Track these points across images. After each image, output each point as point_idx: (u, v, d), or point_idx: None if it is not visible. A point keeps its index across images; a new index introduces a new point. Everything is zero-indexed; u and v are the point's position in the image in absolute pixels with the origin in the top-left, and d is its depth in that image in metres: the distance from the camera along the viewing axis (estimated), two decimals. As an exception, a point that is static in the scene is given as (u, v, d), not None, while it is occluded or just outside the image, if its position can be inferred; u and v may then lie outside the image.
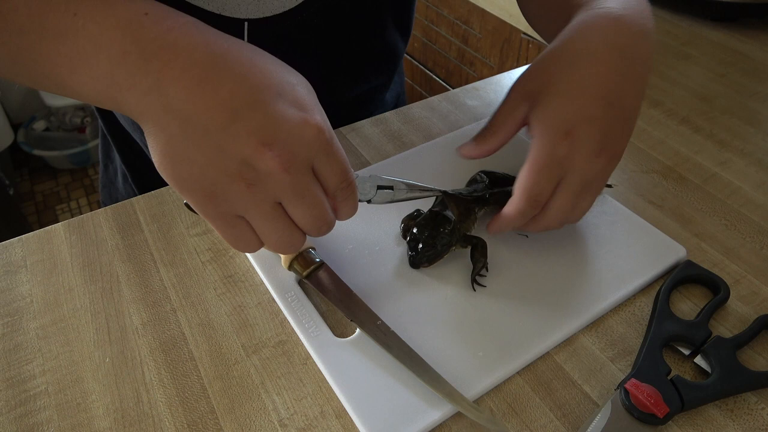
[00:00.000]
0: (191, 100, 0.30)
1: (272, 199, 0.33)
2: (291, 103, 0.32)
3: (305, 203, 0.33)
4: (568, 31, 0.41)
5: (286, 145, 0.31)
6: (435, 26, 1.67)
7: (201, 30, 0.32)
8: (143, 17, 0.31)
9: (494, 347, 0.38)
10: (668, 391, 0.35)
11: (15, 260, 0.45)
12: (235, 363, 0.38)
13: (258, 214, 0.33)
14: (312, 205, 0.34)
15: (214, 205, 0.33)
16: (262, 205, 0.33)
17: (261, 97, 0.31)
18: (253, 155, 0.31)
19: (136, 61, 0.30)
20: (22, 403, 0.37)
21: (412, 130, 0.59)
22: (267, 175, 0.31)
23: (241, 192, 0.32)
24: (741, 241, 0.47)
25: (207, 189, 0.32)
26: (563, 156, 0.38)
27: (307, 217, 0.34)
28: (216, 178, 0.31)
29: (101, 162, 0.72)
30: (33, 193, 2.06)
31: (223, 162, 0.31)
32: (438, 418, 0.35)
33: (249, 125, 0.30)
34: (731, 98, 0.65)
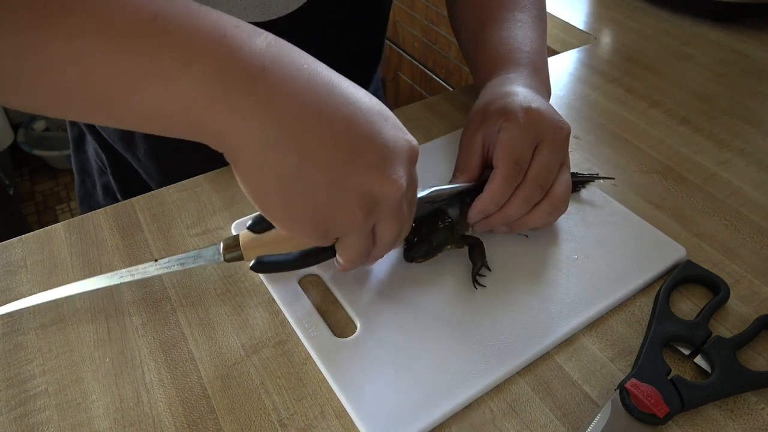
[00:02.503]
0: (309, 133, 0.28)
1: (376, 221, 0.34)
2: (393, 126, 0.33)
3: (399, 220, 0.35)
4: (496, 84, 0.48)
5: (403, 170, 0.32)
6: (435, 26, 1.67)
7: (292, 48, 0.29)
8: (235, 29, 0.27)
9: (494, 347, 0.38)
10: (668, 391, 0.35)
11: (15, 260, 0.45)
12: (235, 363, 0.38)
13: (359, 235, 0.34)
14: (402, 221, 0.35)
15: (324, 233, 0.33)
16: (365, 228, 0.34)
17: (376, 127, 0.31)
18: (377, 186, 0.31)
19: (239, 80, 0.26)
20: (22, 403, 0.37)
21: (412, 130, 0.59)
22: (386, 203, 0.32)
23: (359, 221, 0.32)
24: (741, 241, 0.47)
25: (322, 222, 0.32)
26: (532, 122, 0.42)
27: (393, 234, 0.36)
28: (335, 211, 0.31)
29: (77, 176, 0.70)
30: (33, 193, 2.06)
31: (345, 195, 0.31)
32: (438, 418, 0.35)
33: (371, 158, 0.30)
34: (731, 98, 0.65)
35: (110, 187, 0.67)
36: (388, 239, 0.36)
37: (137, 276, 0.41)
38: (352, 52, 0.60)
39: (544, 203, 0.43)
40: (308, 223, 0.32)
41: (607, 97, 0.65)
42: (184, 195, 0.51)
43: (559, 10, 0.86)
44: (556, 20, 0.85)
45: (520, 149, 0.41)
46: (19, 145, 2.04)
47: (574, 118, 0.61)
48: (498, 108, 0.44)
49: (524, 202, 0.42)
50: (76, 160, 0.70)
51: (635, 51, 0.74)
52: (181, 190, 0.52)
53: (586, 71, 0.70)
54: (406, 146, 0.33)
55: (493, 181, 0.42)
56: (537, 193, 0.42)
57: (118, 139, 0.60)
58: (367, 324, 0.40)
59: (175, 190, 0.52)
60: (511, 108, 0.43)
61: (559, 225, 0.47)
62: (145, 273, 0.41)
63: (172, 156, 0.58)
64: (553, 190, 0.43)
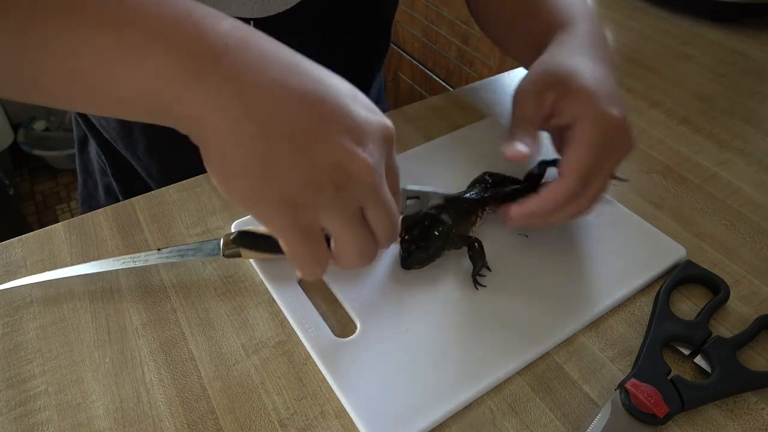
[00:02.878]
0: (275, 104, 0.28)
1: (357, 204, 0.31)
2: (364, 107, 0.32)
3: (386, 205, 0.32)
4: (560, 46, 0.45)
5: (374, 146, 0.31)
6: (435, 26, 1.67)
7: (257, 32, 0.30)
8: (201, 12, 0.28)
9: (494, 347, 0.38)
10: (668, 391, 0.35)
11: (15, 260, 0.45)
12: (235, 363, 0.38)
13: (342, 221, 0.31)
14: (391, 208, 0.33)
15: (295, 216, 0.30)
16: (346, 210, 0.31)
17: (343, 101, 0.30)
18: (346, 157, 0.29)
19: (204, 57, 0.27)
20: (22, 403, 0.37)
21: (412, 130, 0.59)
22: (358, 177, 0.30)
23: (328, 198, 0.30)
24: (741, 241, 0.47)
25: (289, 198, 0.29)
26: (614, 128, 0.39)
27: (386, 222, 0.33)
28: (302, 185, 0.29)
29: (79, 176, 0.71)
30: (33, 193, 2.06)
31: (312, 167, 0.29)
32: (438, 418, 0.35)
33: (339, 129, 0.29)
34: (731, 98, 0.65)
35: (112, 188, 0.67)
36: (381, 229, 0.33)
37: (138, 263, 0.42)
38: (353, 50, 0.60)
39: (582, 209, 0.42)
40: (276, 204, 0.29)
41: (607, 97, 0.65)
42: (184, 195, 0.51)
43: (559, 10, 0.86)
44: (556, 20, 0.85)
45: (594, 163, 0.39)
46: (19, 145, 2.04)
47: (574, 118, 0.61)
48: (582, 91, 0.40)
49: (574, 213, 0.41)
50: (79, 161, 0.70)
51: (635, 51, 0.74)
52: (181, 190, 0.52)
53: (586, 71, 0.70)
54: (380, 126, 0.32)
55: (556, 189, 0.39)
56: (589, 206, 0.41)
57: (118, 137, 0.60)
58: (367, 324, 0.40)
59: (175, 190, 0.52)
60: (599, 106, 0.40)
61: (559, 225, 0.47)
62: (146, 261, 0.42)
63: (171, 153, 0.58)
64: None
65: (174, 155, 0.59)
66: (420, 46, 1.76)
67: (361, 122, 0.31)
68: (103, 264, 0.43)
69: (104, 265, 0.43)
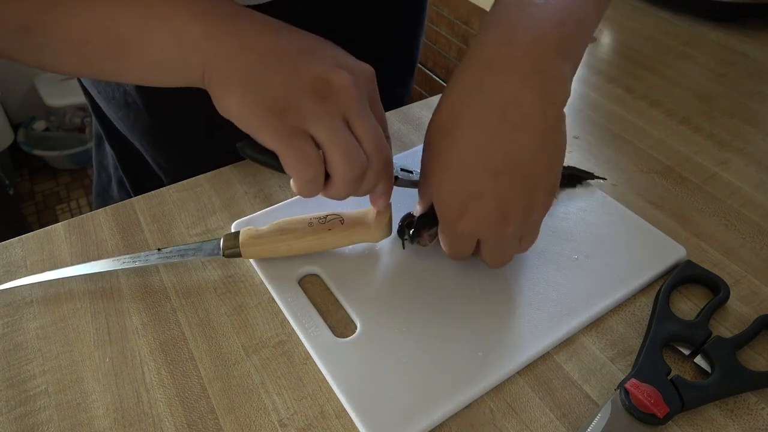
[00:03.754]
0: (270, 39, 0.34)
1: (341, 114, 0.34)
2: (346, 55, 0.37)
3: (369, 119, 0.35)
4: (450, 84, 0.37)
5: (353, 71, 0.35)
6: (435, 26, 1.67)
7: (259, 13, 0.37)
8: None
9: (494, 347, 0.38)
10: (668, 391, 0.35)
11: (15, 260, 0.45)
12: (235, 363, 0.38)
13: (327, 125, 0.34)
14: (374, 124, 0.35)
15: (283, 120, 0.33)
16: (331, 117, 0.34)
17: (328, 45, 0.36)
18: (328, 72, 0.34)
19: (214, 17, 0.34)
20: (22, 403, 0.37)
21: (412, 130, 0.59)
22: (339, 88, 0.34)
23: (313, 104, 0.33)
24: (741, 241, 0.47)
25: (279, 105, 0.33)
26: (468, 232, 0.37)
27: (370, 134, 0.35)
28: (290, 93, 0.33)
29: (95, 170, 0.72)
30: (33, 193, 2.06)
31: (299, 79, 0.34)
32: (438, 418, 0.35)
33: (323, 54, 0.35)
34: (731, 98, 0.65)
35: (124, 182, 0.68)
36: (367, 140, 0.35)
37: (138, 263, 0.42)
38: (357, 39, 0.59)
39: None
40: (264, 110, 0.33)
41: (607, 96, 0.65)
42: (184, 195, 0.51)
43: (559, 10, 0.86)
44: (556, 20, 0.85)
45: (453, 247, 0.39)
46: (19, 145, 2.04)
47: (574, 118, 0.61)
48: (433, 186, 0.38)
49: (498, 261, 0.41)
50: (95, 154, 0.71)
51: (635, 51, 0.74)
52: (181, 190, 0.52)
53: (586, 71, 0.70)
54: (362, 64, 0.36)
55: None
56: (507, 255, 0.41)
57: (126, 129, 0.60)
58: (367, 324, 0.40)
59: (175, 190, 0.52)
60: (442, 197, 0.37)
61: (559, 225, 0.47)
62: (146, 261, 0.43)
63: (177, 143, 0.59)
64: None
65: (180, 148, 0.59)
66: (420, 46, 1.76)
67: (343, 54, 0.36)
68: (103, 264, 0.43)
69: (104, 265, 0.43)
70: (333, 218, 0.43)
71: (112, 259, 0.43)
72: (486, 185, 0.34)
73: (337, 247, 0.44)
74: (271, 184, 0.52)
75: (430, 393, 0.36)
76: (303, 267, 0.44)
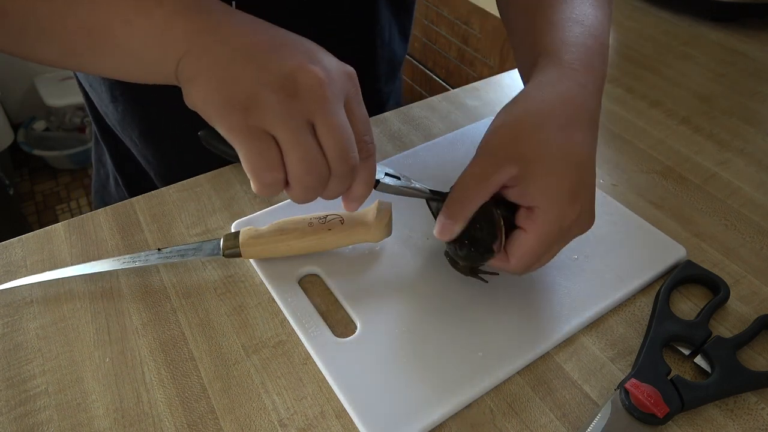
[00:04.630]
0: (248, 34, 0.34)
1: (306, 116, 0.33)
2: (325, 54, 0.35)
3: (338, 124, 0.33)
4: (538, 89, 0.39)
5: (328, 68, 0.33)
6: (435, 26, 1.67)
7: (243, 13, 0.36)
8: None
9: (494, 347, 0.38)
10: (668, 391, 0.35)
11: (15, 260, 0.45)
12: (235, 363, 0.38)
13: (289, 126, 0.32)
14: (343, 128, 0.33)
15: (245, 117, 0.32)
16: (294, 119, 0.32)
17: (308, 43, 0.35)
18: (298, 69, 0.32)
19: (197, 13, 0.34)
20: (22, 403, 0.37)
21: (412, 130, 0.59)
22: (307, 88, 0.32)
23: (278, 103, 0.32)
24: (741, 241, 0.47)
25: (241, 100, 0.32)
26: (570, 223, 0.37)
27: (336, 138, 0.33)
28: (256, 89, 0.32)
29: (94, 167, 0.72)
30: (33, 193, 2.06)
31: (267, 75, 0.32)
32: (438, 418, 0.35)
33: (296, 50, 0.34)
34: (731, 98, 0.65)
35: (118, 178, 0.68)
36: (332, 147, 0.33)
37: (138, 263, 0.42)
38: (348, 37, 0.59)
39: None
40: (227, 105, 0.32)
41: (607, 97, 0.65)
42: (184, 195, 0.51)
43: (559, 10, 0.86)
44: (556, 20, 0.85)
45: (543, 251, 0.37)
46: (19, 145, 2.04)
47: (574, 118, 0.61)
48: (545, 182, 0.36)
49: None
50: (95, 150, 0.72)
51: (635, 51, 0.74)
52: (181, 190, 0.52)
53: (586, 71, 0.70)
54: (340, 63, 0.35)
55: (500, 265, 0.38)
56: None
57: (117, 123, 0.61)
58: (367, 324, 0.40)
59: (175, 190, 0.52)
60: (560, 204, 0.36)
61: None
62: (146, 260, 0.43)
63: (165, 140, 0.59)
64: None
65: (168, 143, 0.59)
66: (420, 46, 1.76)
67: (323, 53, 0.35)
68: (104, 264, 0.43)
69: (105, 265, 0.43)
70: (333, 218, 0.43)
71: (112, 259, 0.43)
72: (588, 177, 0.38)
73: (337, 247, 0.44)
74: (271, 184, 0.52)
75: (430, 393, 0.36)
76: (303, 267, 0.44)
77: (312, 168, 0.33)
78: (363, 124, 0.35)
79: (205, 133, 0.35)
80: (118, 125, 0.61)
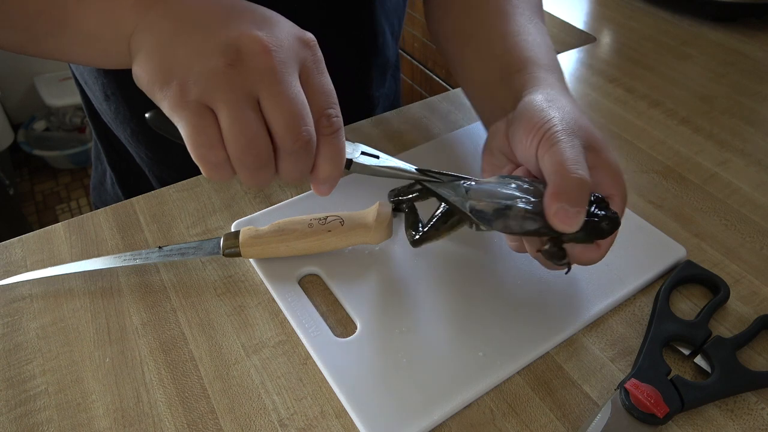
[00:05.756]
0: (195, 5, 0.31)
1: (249, 88, 0.30)
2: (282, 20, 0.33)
3: (285, 95, 0.30)
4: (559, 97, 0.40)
5: (278, 35, 0.31)
6: (435, 26, 1.66)
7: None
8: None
9: (494, 347, 0.38)
10: (668, 391, 0.35)
11: (15, 260, 0.45)
12: (235, 363, 0.38)
13: (228, 99, 0.29)
14: (292, 100, 0.30)
15: (184, 91, 0.29)
16: (235, 90, 0.29)
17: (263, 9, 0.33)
18: (240, 37, 0.30)
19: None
20: (22, 403, 0.37)
21: (412, 130, 0.59)
22: (251, 55, 0.29)
23: (217, 73, 0.29)
24: (741, 241, 0.47)
25: (182, 75, 0.30)
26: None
27: (284, 112, 0.30)
28: (195, 61, 0.30)
29: (93, 163, 0.73)
30: (33, 193, 2.06)
31: (207, 46, 0.30)
32: (438, 418, 0.35)
33: (244, 18, 0.31)
34: (731, 98, 0.65)
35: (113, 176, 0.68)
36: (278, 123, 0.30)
37: (139, 261, 0.43)
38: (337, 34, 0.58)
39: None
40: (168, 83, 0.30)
41: (607, 97, 0.65)
42: (184, 195, 0.51)
43: (559, 10, 0.86)
44: (556, 20, 0.85)
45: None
46: (19, 145, 2.04)
47: (574, 118, 0.61)
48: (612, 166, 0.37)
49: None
50: (93, 148, 0.72)
51: (635, 51, 0.74)
52: (181, 190, 0.52)
53: (586, 71, 0.70)
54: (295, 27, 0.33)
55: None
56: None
57: (111, 120, 0.61)
58: (367, 324, 0.40)
59: (175, 190, 0.52)
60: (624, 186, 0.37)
61: (559, 225, 0.47)
62: (147, 259, 0.43)
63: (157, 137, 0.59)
64: None
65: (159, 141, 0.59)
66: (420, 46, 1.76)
67: (271, 15, 0.32)
68: (105, 261, 0.43)
69: (106, 262, 0.43)
70: (333, 219, 0.43)
71: (113, 257, 0.43)
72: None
73: (337, 248, 0.44)
74: (271, 185, 0.52)
75: (430, 393, 0.36)
76: (303, 267, 0.44)
77: (251, 145, 0.30)
78: (324, 96, 0.32)
79: (151, 114, 0.33)
80: (112, 123, 0.61)
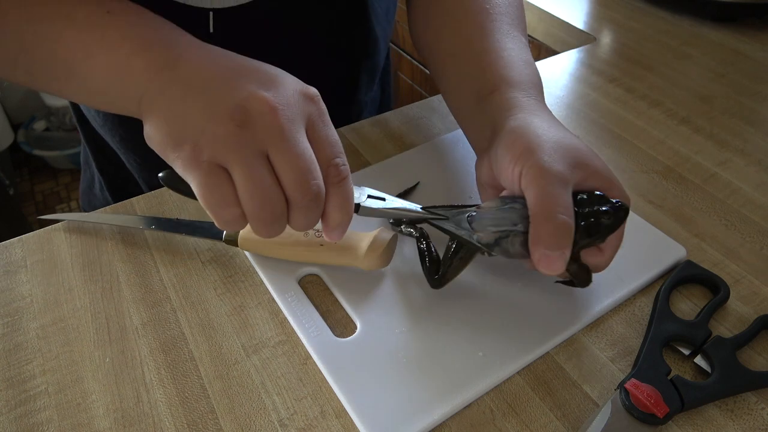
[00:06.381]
0: (203, 69, 0.33)
1: (259, 147, 0.31)
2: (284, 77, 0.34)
3: (293, 152, 0.31)
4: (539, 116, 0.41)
5: (283, 94, 0.32)
6: (435, 26, 1.66)
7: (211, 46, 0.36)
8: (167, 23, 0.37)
9: (494, 347, 0.38)
10: (668, 391, 0.35)
11: (15, 260, 0.45)
12: (235, 363, 0.38)
13: (240, 159, 0.30)
14: (300, 156, 0.31)
15: (196, 152, 0.31)
16: (246, 150, 0.31)
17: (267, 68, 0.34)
18: (248, 98, 0.31)
19: (159, 48, 0.34)
20: (22, 403, 0.37)
21: (412, 130, 0.59)
22: (259, 116, 0.31)
23: (228, 135, 0.30)
24: (741, 241, 0.47)
25: (194, 136, 0.31)
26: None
27: (292, 167, 0.31)
28: (206, 124, 0.31)
29: (82, 167, 0.72)
30: (33, 193, 2.06)
31: (217, 108, 0.31)
32: (438, 418, 0.35)
33: (250, 78, 0.32)
34: (731, 98, 0.65)
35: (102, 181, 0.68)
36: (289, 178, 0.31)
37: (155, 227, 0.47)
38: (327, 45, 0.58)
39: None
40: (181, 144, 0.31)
41: (607, 97, 0.65)
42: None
43: (559, 10, 0.86)
44: (555, 20, 0.85)
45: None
46: (19, 145, 2.04)
47: (573, 118, 0.61)
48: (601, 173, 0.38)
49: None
50: (83, 152, 0.72)
51: (635, 51, 0.74)
52: (181, 190, 0.52)
53: (586, 71, 0.70)
54: (298, 82, 0.34)
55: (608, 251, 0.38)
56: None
57: (99, 127, 0.61)
58: (367, 324, 0.40)
59: (175, 190, 0.52)
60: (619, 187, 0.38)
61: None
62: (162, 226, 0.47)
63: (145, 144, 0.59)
64: None
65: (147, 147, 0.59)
66: (420, 46, 1.76)
67: (275, 74, 0.33)
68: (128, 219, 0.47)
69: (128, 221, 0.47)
70: None
71: (136, 217, 0.48)
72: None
73: (328, 263, 0.43)
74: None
75: (430, 393, 0.36)
76: (303, 267, 0.44)
77: (265, 202, 0.31)
78: (331, 147, 0.33)
79: (165, 174, 0.34)
80: (100, 129, 0.61)
